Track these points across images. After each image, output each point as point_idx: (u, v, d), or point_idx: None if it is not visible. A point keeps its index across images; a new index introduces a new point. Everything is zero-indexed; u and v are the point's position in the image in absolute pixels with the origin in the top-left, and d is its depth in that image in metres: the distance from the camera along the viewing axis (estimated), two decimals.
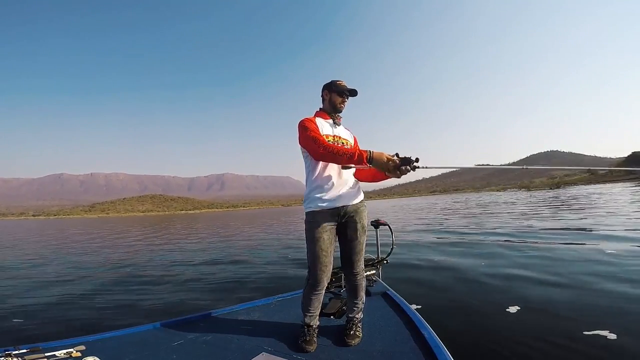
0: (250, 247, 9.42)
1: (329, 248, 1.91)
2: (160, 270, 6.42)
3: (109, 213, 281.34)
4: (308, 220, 1.96)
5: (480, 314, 3.10)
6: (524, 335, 2.59)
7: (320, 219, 1.90)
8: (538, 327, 2.73)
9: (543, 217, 11.78)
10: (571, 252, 5.42)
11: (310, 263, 1.93)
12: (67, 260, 8.52)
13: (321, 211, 1.90)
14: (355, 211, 1.97)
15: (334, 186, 1.93)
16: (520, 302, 3.30)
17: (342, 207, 1.93)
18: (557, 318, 2.89)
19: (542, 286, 3.81)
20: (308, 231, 1.94)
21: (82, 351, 1.82)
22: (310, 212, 1.95)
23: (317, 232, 1.88)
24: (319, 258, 1.88)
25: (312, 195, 1.95)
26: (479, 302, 3.42)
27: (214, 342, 1.97)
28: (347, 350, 1.80)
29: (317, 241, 1.88)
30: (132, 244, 12.31)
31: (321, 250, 1.88)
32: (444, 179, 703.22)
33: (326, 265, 1.90)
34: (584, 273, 4.18)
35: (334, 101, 2.02)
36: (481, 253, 6.01)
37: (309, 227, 1.94)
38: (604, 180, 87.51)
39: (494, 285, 3.98)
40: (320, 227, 1.88)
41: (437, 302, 3.54)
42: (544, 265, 4.70)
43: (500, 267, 4.80)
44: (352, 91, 2.05)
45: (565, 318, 2.87)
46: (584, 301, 3.25)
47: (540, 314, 3.01)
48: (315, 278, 1.91)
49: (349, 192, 1.97)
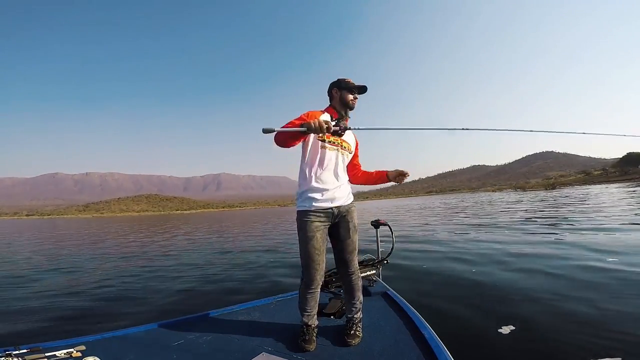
0: (244, 247, 9.41)
1: (322, 247, 1.92)
2: (157, 271, 6.39)
3: (104, 213, 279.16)
4: (300, 219, 1.93)
5: (481, 314, 3.13)
6: (524, 334, 2.61)
7: (313, 218, 1.89)
8: (538, 325, 2.76)
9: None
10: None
11: (304, 262, 1.93)
12: (65, 259, 8.46)
13: (315, 210, 1.90)
14: (347, 211, 2.00)
15: (329, 186, 1.94)
16: (520, 302, 3.34)
17: (335, 208, 1.94)
18: (557, 317, 2.92)
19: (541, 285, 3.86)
20: (300, 230, 1.93)
21: (82, 351, 1.82)
22: (303, 210, 1.93)
23: (310, 231, 1.88)
24: (312, 257, 1.88)
25: (306, 194, 1.93)
26: (480, 302, 3.45)
27: (214, 342, 1.97)
28: (347, 350, 1.81)
29: (310, 240, 1.88)
30: (128, 244, 12.25)
31: (314, 249, 1.88)
32: (440, 179, 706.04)
33: (319, 264, 1.91)
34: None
35: (345, 99, 2.00)
36: (480, 251, 6.06)
37: (302, 226, 1.92)
38: (599, 180, 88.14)
39: (494, 284, 4.01)
40: (313, 226, 1.88)
41: (437, 302, 3.55)
42: (541, 261, 4.76)
43: (499, 268, 4.85)
44: (362, 88, 2.04)
45: (566, 317, 2.90)
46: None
47: (541, 312, 3.04)
48: (309, 277, 1.92)
49: (342, 192, 1.99)
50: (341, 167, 2.03)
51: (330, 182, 1.94)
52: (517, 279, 4.16)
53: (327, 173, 1.95)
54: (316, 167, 1.94)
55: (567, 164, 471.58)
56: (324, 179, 1.94)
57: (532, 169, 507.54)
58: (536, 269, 4.58)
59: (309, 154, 1.96)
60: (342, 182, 2.01)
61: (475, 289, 3.93)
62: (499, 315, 3.04)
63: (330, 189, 1.93)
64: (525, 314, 3.03)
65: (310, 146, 1.96)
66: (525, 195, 39.79)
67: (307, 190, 1.93)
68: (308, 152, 1.96)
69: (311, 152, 1.96)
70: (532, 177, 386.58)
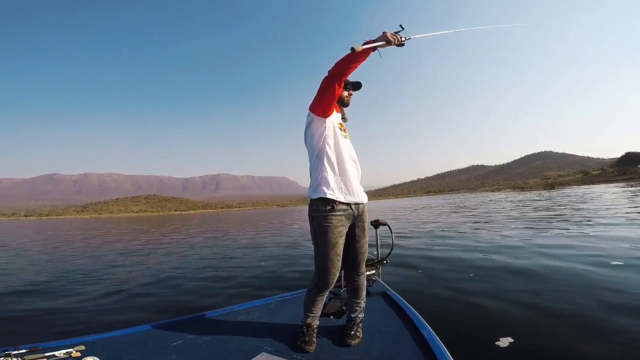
0: (241, 247, 9.41)
1: (341, 252, 1.86)
2: (154, 271, 6.38)
3: (102, 214, 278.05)
4: (320, 220, 1.79)
5: (481, 314, 3.12)
6: (524, 333, 2.61)
7: (335, 222, 1.78)
8: (537, 323, 2.76)
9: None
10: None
11: (323, 267, 1.84)
12: (63, 260, 8.44)
13: (337, 210, 1.79)
14: (363, 211, 1.95)
15: (353, 177, 1.88)
16: (520, 301, 3.34)
17: (356, 205, 1.87)
18: (556, 316, 2.92)
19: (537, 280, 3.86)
20: (322, 236, 1.80)
21: (81, 351, 1.82)
22: (324, 201, 1.78)
23: (334, 238, 1.79)
24: (334, 264, 1.83)
25: (330, 180, 1.79)
26: (480, 302, 3.44)
27: (214, 342, 1.97)
28: (347, 350, 1.81)
29: (334, 247, 1.80)
30: (125, 244, 12.22)
31: (337, 256, 1.82)
32: (439, 180, 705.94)
33: (338, 269, 1.86)
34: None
35: (340, 95, 1.96)
36: (481, 249, 6.06)
37: (323, 230, 1.78)
38: (598, 180, 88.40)
39: (494, 284, 4.02)
40: (336, 231, 1.79)
41: (437, 301, 3.55)
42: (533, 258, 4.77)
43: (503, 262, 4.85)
44: (356, 84, 2.01)
45: (564, 318, 2.91)
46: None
47: (539, 313, 3.03)
48: (326, 281, 1.86)
49: (361, 188, 1.94)
50: (356, 158, 1.97)
51: (352, 173, 1.88)
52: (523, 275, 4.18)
53: (348, 164, 1.87)
54: (339, 152, 1.85)
55: (565, 163, 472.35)
56: (346, 168, 1.86)
57: (531, 169, 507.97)
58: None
59: (330, 136, 1.84)
60: (359, 175, 1.97)
61: (475, 289, 3.94)
62: (500, 314, 3.05)
63: (353, 181, 1.87)
64: (528, 314, 3.03)
65: (331, 127, 1.85)
66: (525, 195, 39.78)
67: (329, 176, 1.80)
68: (331, 132, 1.84)
69: (333, 134, 1.85)
70: (531, 177, 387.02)
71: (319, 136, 1.84)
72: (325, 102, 1.76)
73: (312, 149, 1.88)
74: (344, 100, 2.00)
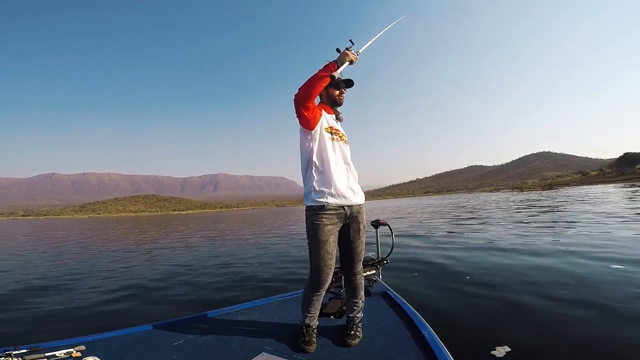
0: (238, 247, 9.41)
1: (334, 250, 1.87)
2: (154, 271, 6.37)
3: (100, 213, 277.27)
4: (312, 222, 1.84)
5: (481, 314, 3.13)
6: (524, 332, 2.63)
7: (326, 221, 1.81)
8: (536, 321, 2.78)
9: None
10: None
11: (315, 265, 1.86)
12: (63, 260, 8.43)
13: (328, 209, 1.81)
14: (358, 211, 1.95)
15: (344, 181, 1.87)
16: (520, 302, 3.35)
17: (349, 207, 1.87)
18: (555, 315, 2.93)
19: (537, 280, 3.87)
20: (312, 233, 1.84)
21: (82, 351, 1.82)
22: (314, 211, 1.83)
23: (323, 236, 1.81)
24: (325, 261, 1.83)
25: (319, 188, 1.83)
26: (480, 302, 3.46)
27: (214, 342, 1.97)
28: (347, 350, 1.81)
29: (324, 244, 1.81)
30: (124, 245, 12.20)
31: (327, 254, 1.83)
32: (438, 180, 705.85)
33: (331, 268, 1.87)
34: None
35: (331, 94, 1.97)
36: (481, 246, 6.08)
37: (314, 229, 1.82)
38: (596, 181, 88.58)
39: (495, 284, 4.02)
40: (326, 229, 1.81)
41: (437, 301, 3.56)
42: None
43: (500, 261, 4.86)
44: (348, 82, 1.98)
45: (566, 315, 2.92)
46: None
47: (540, 314, 3.05)
48: (320, 280, 1.87)
49: (356, 190, 1.94)
50: (349, 161, 1.97)
51: (341, 177, 1.87)
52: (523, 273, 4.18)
53: (337, 167, 1.88)
54: (326, 160, 1.86)
55: (563, 164, 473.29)
56: (338, 172, 1.87)
57: (529, 169, 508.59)
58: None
59: (317, 146, 1.87)
60: (355, 177, 1.97)
61: (476, 289, 3.95)
62: (499, 315, 3.06)
63: (345, 184, 1.87)
64: (528, 314, 3.04)
65: (318, 136, 1.87)
66: (527, 195, 39.82)
67: (320, 183, 1.83)
68: (316, 143, 1.87)
69: (319, 144, 1.87)
70: (529, 177, 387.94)
71: (307, 146, 1.89)
72: (303, 120, 1.83)
73: (302, 158, 1.94)
74: (336, 100, 1.99)
